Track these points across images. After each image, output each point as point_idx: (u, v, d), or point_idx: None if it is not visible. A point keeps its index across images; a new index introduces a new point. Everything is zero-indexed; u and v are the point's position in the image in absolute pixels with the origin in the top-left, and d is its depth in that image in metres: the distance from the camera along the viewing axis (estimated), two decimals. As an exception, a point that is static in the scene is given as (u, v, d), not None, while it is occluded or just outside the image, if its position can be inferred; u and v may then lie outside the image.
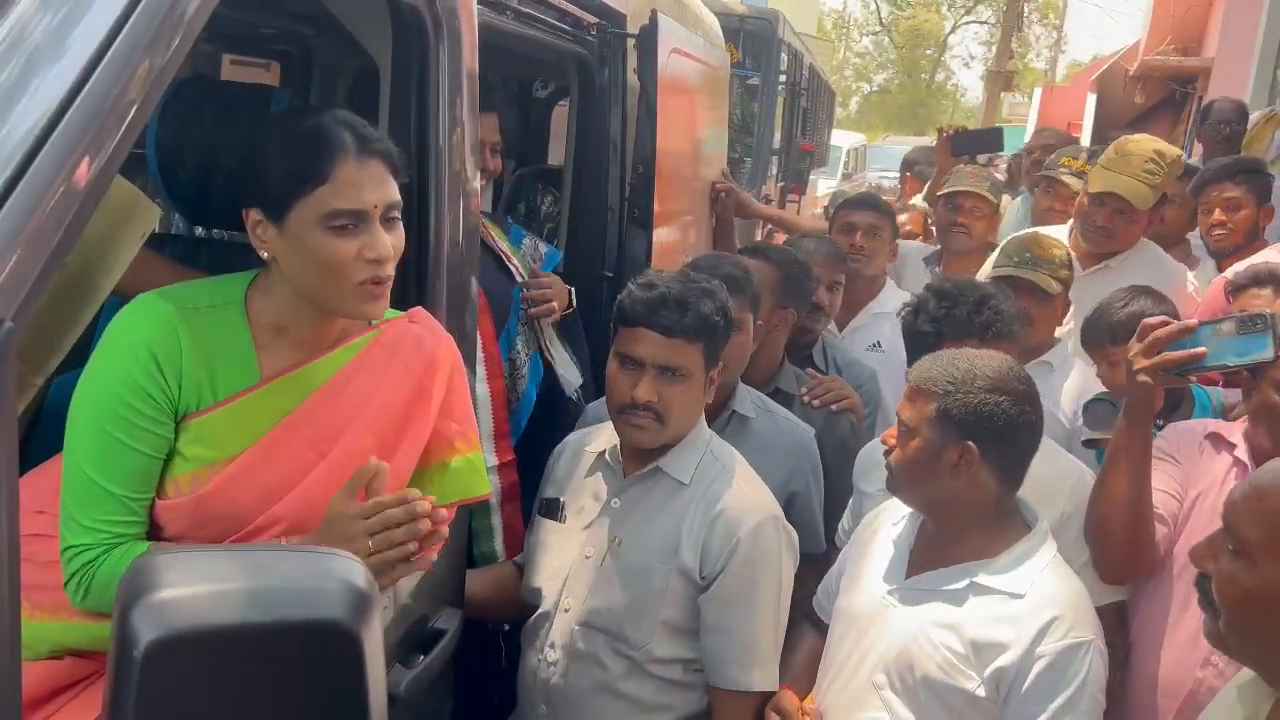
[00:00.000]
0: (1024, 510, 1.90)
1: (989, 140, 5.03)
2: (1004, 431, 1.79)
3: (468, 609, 1.95)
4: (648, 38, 2.79)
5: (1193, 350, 1.90)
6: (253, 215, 1.43)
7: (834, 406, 2.64)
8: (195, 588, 0.80)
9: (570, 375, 2.60)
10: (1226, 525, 1.36)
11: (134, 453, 1.38)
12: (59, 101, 0.96)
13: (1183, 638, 1.97)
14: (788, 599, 2.02)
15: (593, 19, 2.71)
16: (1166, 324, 1.96)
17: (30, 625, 1.39)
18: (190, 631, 0.78)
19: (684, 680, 2.00)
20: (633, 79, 2.86)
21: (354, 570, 0.86)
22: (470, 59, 1.82)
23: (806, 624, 2.18)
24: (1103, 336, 2.50)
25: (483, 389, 2.31)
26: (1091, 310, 2.59)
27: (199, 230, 2.15)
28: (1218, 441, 2.09)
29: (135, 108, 1.04)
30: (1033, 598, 1.76)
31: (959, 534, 1.86)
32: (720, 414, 2.36)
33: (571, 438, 2.23)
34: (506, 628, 2.32)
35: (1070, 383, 2.68)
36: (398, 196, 1.46)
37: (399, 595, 1.68)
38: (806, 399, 2.62)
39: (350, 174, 1.40)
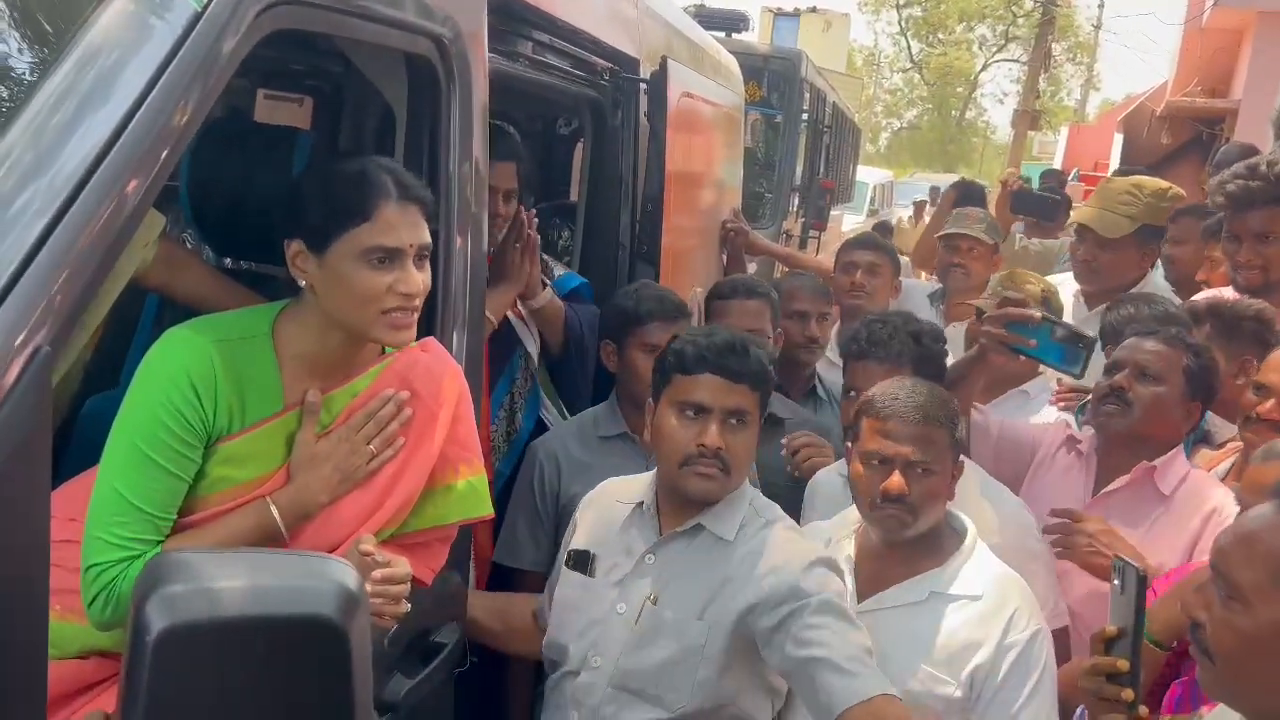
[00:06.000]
0: (951, 515, 2.02)
1: (1049, 209, 5.06)
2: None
3: (470, 632, 2.02)
4: (657, 82, 2.91)
5: (1021, 338, 2.30)
6: (294, 246, 1.56)
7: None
8: (204, 583, 0.90)
9: (551, 415, 2.69)
10: (1217, 571, 1.35)
11: (167, 474, 1.48)
12: (105, 140, 1.08)
13: None
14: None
15: (606, 64, 2.83)
16: (1024, 304, 2.34)
17: (61, 626, 1.49)
18: (197, 622, 0.88)
19: None
20: (644, 121, 2.98)
21: (345, 573, 0.96)
22: (481, 102, 1.94)
23: None
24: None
25: None
26: None
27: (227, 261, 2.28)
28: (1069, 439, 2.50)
29: (169, 149, 1.15)
30: (990, 596, 1.91)
31: (908, 548, 1.95)
32: None
33: (607, 486, 2.16)
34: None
35: (1040, 418, 2.77)
36: (429, 240, 1.61)
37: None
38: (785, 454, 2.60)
39: (390, 215, 1.54)
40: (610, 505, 2.09)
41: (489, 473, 2.42)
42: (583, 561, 2.04)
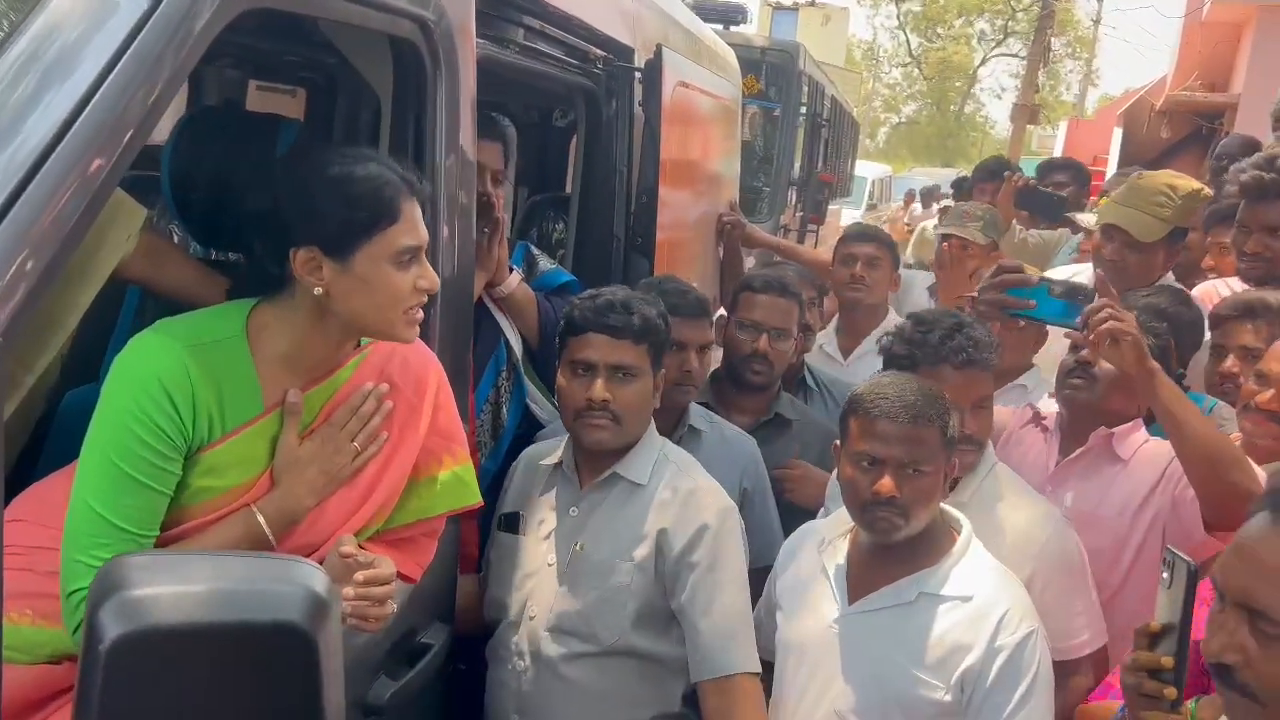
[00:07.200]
0: (946, 514, 1.97)
1: (1053, 208, 5.07)
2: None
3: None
4: (652, 72, 2.86)
5: (1024, 300, 2.31)
6: (303, 254, 1.47)
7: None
8: (162, 588, 0.85)
9: (540, 409, 2.64)
10: (1241, 606, 1.27)
11: (146, 490, 1.41)
12: (66, 117, 1.03)
13: None
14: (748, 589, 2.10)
15: (600, 52, 2.78)
16: (1019, 269, 2.37)
17: (31, 631, 1.45)
18: (154, 629, 0.83)
19: (655, 676, 2.06)
20: (639, 111, 2.93)
21: (313, 577, 0.91)
22: (468, 89, 1.88)
23: None
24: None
25: None
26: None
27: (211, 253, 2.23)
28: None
29: (134, 128, 1.10)
30: (981, 597, 1.85)
31: (901, 549, 1.90)
32: (677, 430, 2.49)
33: (526, 453, 2.31)
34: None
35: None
36: None
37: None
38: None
39: (411, 213, 1.52)
40: (533, 468, 2.22)
41: (475, 470, 2.39)
42: (512, 523, 2.18)
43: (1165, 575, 1.50)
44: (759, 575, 2.20)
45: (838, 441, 1.99)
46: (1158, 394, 2.10)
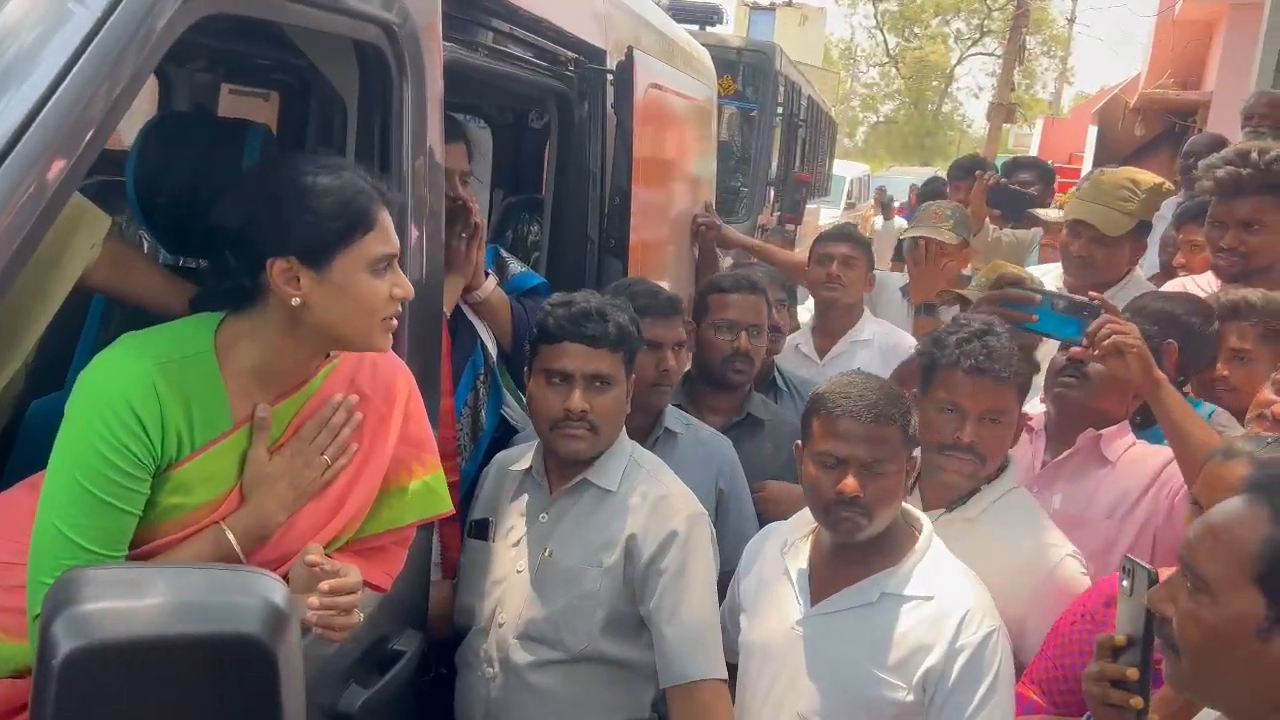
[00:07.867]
0: (906, 514, 1.98)
1: (1024, 206, 5.11)
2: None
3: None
4: (623, 74, 2.85)
5: (1023, 314, 2.33)
6: (280, 265, 1.45)
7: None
8: (117, 601, 0.84)
9: (514, 414, 2.64)
10: (1184, 564, 1.34)
11: (114, 511, 1.39)
12: (21, 121, 1.02)
13: None
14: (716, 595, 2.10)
15: (571, 55, 2.78)
16: (1020, 282, 2.39)
17: (-4, 645, 1.44)
18: (108, 642, 0.82)
19: (624, 681, 2.06)
20: (611, 113, 2.93)
21: (273, 588, 0.90)
22: (435, 92, 1.87)
23: None
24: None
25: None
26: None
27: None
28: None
29: (93, 130, 1.09)
30: (942, 597, 1.85)
31: (863, 549, 1.90)
32: (653, 432, 2.49)
33: (497, 458, 2.30)
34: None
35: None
36: None
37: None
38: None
39: (385, 220, 1.52)
40: (503, 473, 2.22)
41: (455, 474, 2.38)
42: (482, 529, 2.17)
43: (1125, 584, 1.49)
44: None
45: (799, 441, 1.99)
46: (1163, 404, 2.10)
